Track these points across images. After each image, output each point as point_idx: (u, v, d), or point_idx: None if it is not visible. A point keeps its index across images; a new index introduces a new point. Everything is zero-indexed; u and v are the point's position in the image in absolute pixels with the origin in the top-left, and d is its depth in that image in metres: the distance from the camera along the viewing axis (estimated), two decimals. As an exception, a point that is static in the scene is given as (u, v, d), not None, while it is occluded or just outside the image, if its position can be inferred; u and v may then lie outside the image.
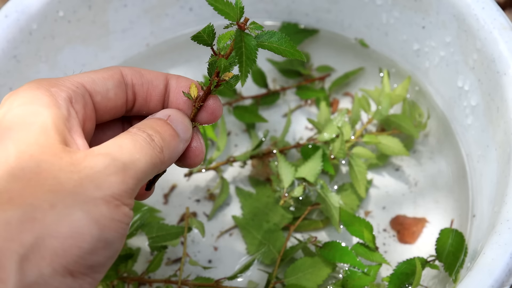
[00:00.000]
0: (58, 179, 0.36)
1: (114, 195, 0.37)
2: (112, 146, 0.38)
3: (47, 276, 0.34)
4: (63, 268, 0.35)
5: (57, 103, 0.39)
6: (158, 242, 0.58)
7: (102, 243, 0.36)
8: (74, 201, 0.35)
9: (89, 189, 0.36)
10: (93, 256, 0.36)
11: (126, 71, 0.44)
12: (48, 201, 0.35)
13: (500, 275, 0.45)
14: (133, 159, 0.38)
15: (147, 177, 0.39)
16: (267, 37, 0.42)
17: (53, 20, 0.62)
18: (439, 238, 0.57)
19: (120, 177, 0.37)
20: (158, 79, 0.44)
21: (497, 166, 0.56)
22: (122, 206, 0.37)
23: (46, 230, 0.34)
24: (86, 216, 0.35)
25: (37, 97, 0.39)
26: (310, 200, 0.61)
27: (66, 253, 0.35)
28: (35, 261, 0.34)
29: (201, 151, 0.44)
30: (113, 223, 0.36)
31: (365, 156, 0.62)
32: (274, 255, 0.58)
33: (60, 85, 0.40)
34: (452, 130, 0.64)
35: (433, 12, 0.62)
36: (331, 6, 0.69)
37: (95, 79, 0.42)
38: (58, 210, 0.35)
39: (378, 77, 0.69)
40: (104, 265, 0.37)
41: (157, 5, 0.69)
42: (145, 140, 0.40)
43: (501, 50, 0.55)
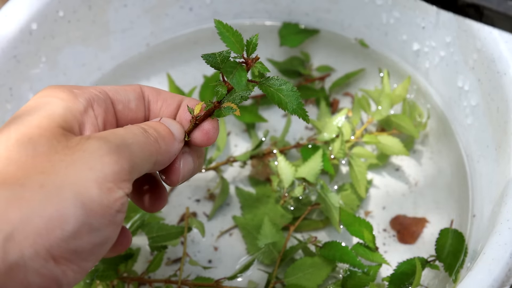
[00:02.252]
0: (52, 162, 0.36)
1: (107, 177, 0.36)
2: (107, 133, 0.39)
3: (27, 257, 0.34)
4: (45, 250, 0.34)
5: (75, 100, 0.39)
6: (158, 242, 0.58)
7: (87, 227, 0.35)
8: (65, 182, 0.35)
9: (81, 170, 0.36)
10: (77, 240, 0.35)
11: (145, 88, 0.45)
12: (38, 181, 0.35)
13: (500, 275, 0.45)
14: (126, 143, 0.38)
15: (143, 163, 0.39)
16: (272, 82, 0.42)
17: (53, 20, 0.62)
18: (439, 238, 0.57)
19: (114, 157, 0.37)
20: (173, 98, 0.45)
21: (497, 166, 0.56)
22: (115, 189, 0.36)
23: (33, 209, 0.34)
24: (73, 198, 0.35)
25: (55, 92, 0.40)
26: (310, 200, 0.61)
27: (49, 234, 0.34)
28: (18, 241, 0.34)
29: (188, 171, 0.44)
30: (101, 208, 0.36)
31: (365, 156, 0.62)
32: (274, 255, 0.58)
33: (84, 88, 0.41)
34: (452, 130, 0.64)
35: (433, 12, 0.62)
36: (331, 6, 0.69)
37: (118, 89, 0.43)
38: (46, 190, 0.35)
39: (378, 77, 0.69)
40: (91, 252, 0.36)
41: (157, 5, 0.69)
42: (139, 130, 0.40)
43: (501, 50, 0.55)
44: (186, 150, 0.44)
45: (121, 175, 0.37)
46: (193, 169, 0.45)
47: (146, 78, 0.71)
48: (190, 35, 0.72)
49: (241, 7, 0.71)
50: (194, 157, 0.44)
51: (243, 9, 0.72)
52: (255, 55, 0.41)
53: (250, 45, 0.41)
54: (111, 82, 0.69)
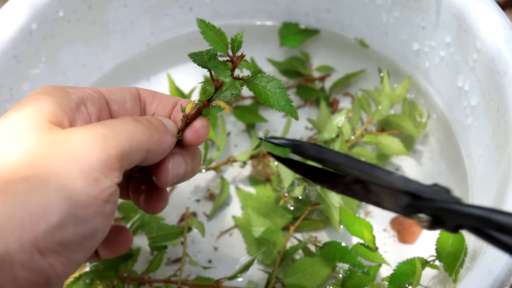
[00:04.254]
0: (37, 156, 0.36)
1: (93, 166, 0.36)
2: (94, 124, 0.38)
3: (13, 251, 0.34)
4: (30, 243, 0.34)
5: (67, 96, 0.39)
6: (158, 242, 0.58)
7: (72, 218, 0.35)
8: (48, 175, 0.35)
9: (67, 162, 0.35)
10: (62, 231, 0.35)
11: (141, 90, 0.45)
12: (23, 175, 0.35)
13: (500, 275, 0.45)
14: (114, 131, 0.38)
15: (133, 151, 0.38)
16: (259, 79, 0.41)
17: (53, 20, 0.62)
18: (439, 238, 0.57)
19: (99, 146, 0.36)
20: (168, 99, 0.45)
21: (497, 166, 0.56)
22: (102, 179, 0.36)
23: (17, 203, 0.34)
24: (58, 190, 0.35)
25: (48, 90, 0.40)
26: (310, 200, 0.61)
27: (34, 226, 0.34)
28: (4, 235, 0.34)
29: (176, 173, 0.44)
30: (87, 198, 0.35)
31: (365, 156, 0.62)
32: (274, 255, 0.58)
33: (78, 88, 0.41)
34: (452, 130, 0.64)
35: (433, 12, 0.62)
36: (331, 6, 0.69)
37: (113, 90, 0.43)
38: (30, 182, 0.35)
39: (378, 77, 0.69)
40: (79, 244, 0.36)
41: (157, 5, 0.69)
42: (129, 119, 0.40)
43: (501, 50, 0.55)
44: (177, 151, 0.44)
45: (108, 163, 0.36)
46: (184, 171, 0.44)
47: (146, 78, 0.71)
48: (190, 35, 0.72)
49: (241, 7, 0.71)
50: (186, 158, 0.44)
51: (243, 9, 0.72)
52: (240, 52, 0.41)
53: (235, 43, 0.41)
54: (111, 82, 0.69)
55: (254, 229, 0.59)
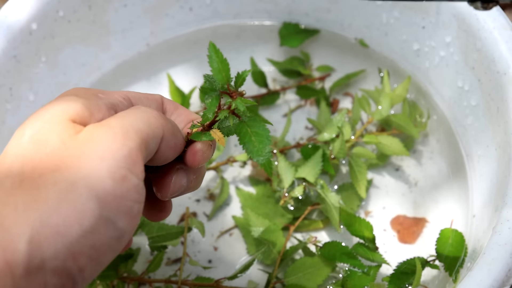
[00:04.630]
0: (63, 158, 0.35)
1: (119, 163, 0.36)
2: (109, 118, 0.38)
3: (47, 258, 0.34)
4: (65, 249, 0.34)
5: (96, 99, 0.39)
6: (158, 242, 0.58)
7: (103, 220, 0.35)
8: (77, 177, 0.35)
9: (93, 162, 0.35)
10: (95, 235, 0.35)
11: (165, 100, 0.45)
12: (52, 180, 0.35)
13: (500, 275, 0.45)
14: (129, 122, 0.37)
15: (151, 140, 0.38)
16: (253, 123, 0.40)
17: (53, 20, 0.62)
18: (439, 238, 0.57)
19: (120, 141, 0.36)
20: (187, 116, 0.45)
21: (497, 166, 0.56)
22: (129, 176, 0.36)
23: (50, 208, 0.34)
24: (88, 192, 0.35)
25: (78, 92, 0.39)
26: (310, 200, 0.61)
27: (68, 231, 0.34)
28: (39, 242, 0.33)
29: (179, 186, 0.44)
30: (115, 200, 0.35)
31: (365, 156, 0.62)
32: (274, 255, 0.58)
33: (108, 93, 0.41)
34: (452, 130, 0.64)
35: (433, 12, 0.62)
36: (331, 6, 0.69)
37: (141, 97, 0.43)
38: (60, 187, 0.34)
39: (378, 77, 0.69)
40: (109, 247, 0.36)
41: (157, 5, 0.69)
42: (139, 107, 0.40)
43: (501, 50, 0.55)
44: (181, 167, 0.43)
45: (132, 157, 0.36)
46: (186, 187, 0.44)
47: (146, 78, 0.71)
48: (190, 35, 0.72)
49: (241, 7, 0.71)
50: (189, 175, 0.44)
51: (243, 9, 0.72)
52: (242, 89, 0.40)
53: (239, 79, 0.40)
54: (111, 82, 0.69)
55: (253, 229, 0.59)
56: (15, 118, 0.61)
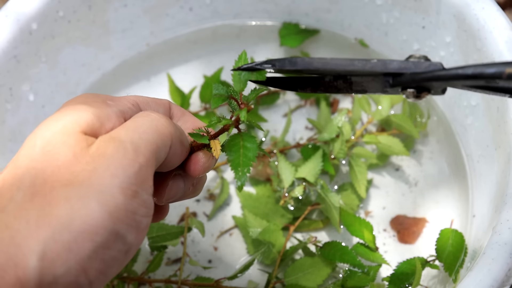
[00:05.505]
0: (75, 173, 0.35)
1: (130, 180, 0.36)
2: (119, 129, 0.38)
3: (59, 275, 0.34)
4: (77, 265, 0.34)
5: (106, 108, 0.39)
6: (158, 242, 0.58)
7: (115, 236, 0.35)
8: (89, 193, 0.35)
9: (104, 178, 0.35)
10: (107, 250, 0.35)
11: (172, 105, 0.45)
12: (63, 195, 0.35)
13: (500, 275, 0.45)
14: (138, 134, 0.37)
15: (161, 150, 0.38)
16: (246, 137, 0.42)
17: (53, 20, 0.62)
18: (439, 238, 0.57)
19: (130, 156, 0.36)
20: (194, 123, 0.45)
21: (497, 166, 0.56)
22: (139, 193, 0.36)
23: (61, 225, 0.34)
24: (100, 208, 0.35)
25: (88, 101, 0.39)
26: (310, 200, 0.61)
27: (80, 248, 0.34)
28: (51, 259, 0.34)
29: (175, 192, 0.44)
30: (126, 215, 0.36)
31: (365, 156, 0.62)
32: (274, 255, 0.58)
33: (117, 100, 0.41)
34: (452, 130, 0.64)
35: (433, 12, 0.62)
36: (331, 6, 0.69)
37: (149, 102, 0.43)
38: (72, 203, 0.34)
39: (378, 77, 0.69)
40: (119, 260, 0.36)
41: (157, 5, 0.69)
42: (148, 114, 0.40)
43: (501, 50, 0.55)
44: (179, 173, 0.43)
45: (142, 174, 0.36)
46: (183, 193, 0.44)
47: (146, 78, 0.71)
48: (190, 35, 0.72)
49: (241, 7, 0.71)
50: (187, 181, 0.44)
51: (243, 9, 0.72)
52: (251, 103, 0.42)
53: (253, 93, 0.42)
54: (111, 82, 0.69)
55: (251, 230, 0.59)
56: (15, 118, 0.61)
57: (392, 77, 0.40)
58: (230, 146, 0.41)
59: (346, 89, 0.42)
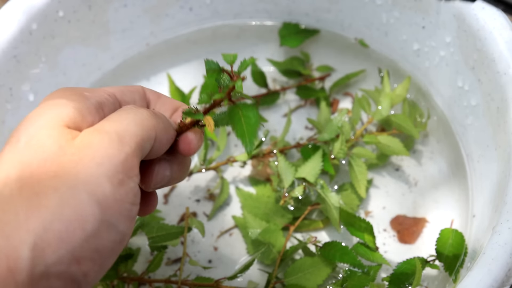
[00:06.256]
0: (62, 164, 0.36)
1: (117, 168, 0.36)
2: (103, 122, 0.38)
3: (51, 264, 0.34)
4: (69, 254, 0.34)
5: (85, 101, 0.39)
6: (158, 242, 0.58)
7: (105, 225, 0.35)
8: (77, 182, 0.35)
9: (91, 167, 0.36)
10: (98, 239, 0.35)
11: (147, 90, 0.45)
12: (52, 186, 0.35)
13: (500, 275, 0.45)
14: (123, 126, 0.38)
15: (145, 141, 0.39)
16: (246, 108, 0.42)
17: (53, 20, 0.62)
18: (439, 238, 0.57)
19: (116, 146, 0.37)
20: (171, 103, 0.45)
21: (497, 166, 0.56)
22: (126, 181, 0.37)
23: (52, 215, 0.34)
24: (88, 197, 0.35)
25: (66, 94, 0.40)
26: (310, 200, 0.61)
27: (70, 237, 0.34)
28: (42, 248, 0.34)
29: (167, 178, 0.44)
30: (115, 203, 0.36)
31: (365, 156, 0.62)
32: (274, 255, 0.58)
33: (94, 91, 0.41)
34: (452, 130, 0.64)
35: (433, 12, 0.62)
36: (331, 6, 0.69)
37: (124, 90, 0.43)
38: (61, 192, 0.35)
39: (378, 77, 0.69)
40: (111, 250, 0.36)
41: (157, 5, 0.69)
42: (131, 108, 0.40)
43: (501, 50, 0.55)
44: (165, 157, 0.43)
45: (128, 162, 0.37)
46: (169, 178, 0.44)
47: (146, 78, 0.71)
48: (190, 35, 0.72)
49: (241, 7, 0.71)
50: (174, 165, 0.44)
51: (243, 9, 0.72)
52: (243, 75, 0.41)
53: (244, 64, 0.41)
54: (111, 82, 0.69)
55: (250, 231, 0.59)
56: (15, 118, 0.61)
57: None
58: (231, 117, 0.41)
59: None
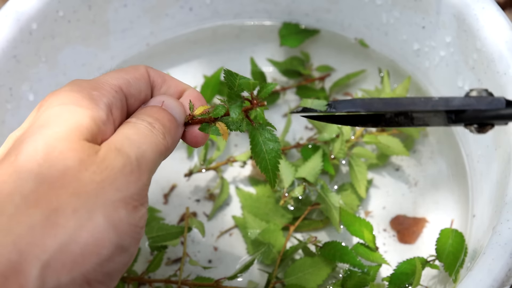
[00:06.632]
0: (82, 182, 0.35)
1: (132, 196, 0.37)
2: (122, 140, 0.38)
3: (64, 284, 0.34)
4: (81, 276, 0.34)
5: (97, 107, 0.39)
6: (158, 242, 0.58)
7: (119, 249, 0.36)
8: (95, 205, 0.35)
9: (109, 191, 0.36)
10: (111, 263, 0.36)
11: (151, 72, 0.44)
12: (71, 205, 0.35)
13: (500, 275, 0.45)
14: (141, 152, 0.38)
15: (156, 166, 0.40)
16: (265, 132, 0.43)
17: (53, 20, 0.62)
18: (439, 238, 0.57)
19: (136, 175, 0.37)
20: (177, 87, 0.45)
21: (497, 166, 0.56)
22: (139, 207, 0.37)
23: (69, 236, 0.34)
24: (106, 222, 0.35)
25: (77, 98, 0.39)
26: (310, 200, 0.61)
27: (86, 260, 0.34)
28: (56, 269, 0.34)
29: None
30: (129, 228, 0.36)
31: (365, 156, 0.62)
32: (274, 255, 0.58)
33: (101, 89, 0.40)
34: (452, 130, 0.64)
35: (433, 12, 0.62)
36: (331, 6, 0.69)
37: (130, 80, 0.43)
38: (79, 215, 0.35)
39: (378, 77, 0.69)
40: (120, 271, 0.37)
41: (157, 5, 0.69)
42: (147, 128, 0.40)
43: (501, 50, 0.55)
44: None
45: (143, 191, 0.38)
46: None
47: (146, 78, 0.71)
48: (190, 35, 0.72)
49: (241, 7, 0.71)
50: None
51: (243, 9, 0.72)
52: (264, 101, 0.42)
53: (264, 89, 0.42)
54: (111, 82, 0.69)
55: (250, 232, 0.59)
56: (15, 118, 0.61)
57: (454, 114, 0.40)
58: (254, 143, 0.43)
59: (408, 124, 0.42)
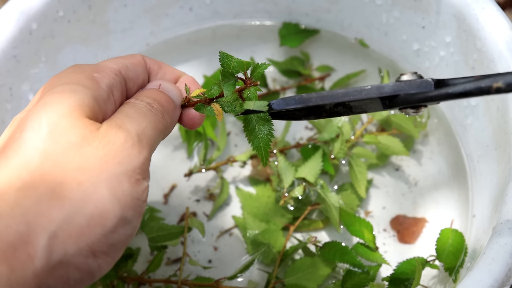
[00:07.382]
0: (85, 156, 0.37)
1: (135, 169, 0.38)
2: (123, 118, 0.40)
3: (70, 255, 0.35)
4: (87, 247, 0.36)
5: (99, 87, 0.40)
6: (158, 242, 0.58)
7: (123, 221, 0.37)
8: (99, 178, 0.36)
9: (112, 165, 0.37)
10: (115, 234, 0.37)
11: (147, 59, 0.46)
12: (76, 179, 0.36)
13: (500, 275, 0.45)
14: (142, 129, 0.39)
15: (156, 143, 0.41)
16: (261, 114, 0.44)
17: (53, 20, 0.62)
18: (439, 238, 0.57)
19: (137, 148, 0.38)
20: (172, 73, 0.47)
21: (497, 166, 0.56)
22: (141, 181, 0.38)
23: (74, 208, 0.35)
24: (110, 194, 0.36)
25: (80, 78, 0.40)
26: (310, 200, 0.61)
27: (91, 231, 0.36)
28: (63, 239, 0.35)
29: None
30: (132, 201, 0.37)
31: (365, 156, 0.62)
32: (274, 255, 0.58)
33: (102, 72, 0.42)
34: (452, 130, 0.64)
35: (433, 12, 0.62)
36: (331, 6, 0.69)
37: (128, 65, 0.44)
38: (84, 187, 0.36)
39: (378, 77, 0.69)
40: (124, 243, 0.38)
41: (157, 5, 0.69)
42: (146, 108, 0.41)
43: (501, 50, 0.55)
44: None
45: (145, 164, 0.39)
46: None
47: (146, 78, 0.71)
48: (190, 35, 0.72)
49: (241, 7, 0.71)
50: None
51: (243, 9, 0.72)
52: (257, 81, 0.44)
53: (257, 69, 0.43)
54: (111, 82, 0.69)
55: (249, 232, 0.59)
56: (15, 118, 0.61)
57: (388, 99, 0.43)
58: (247, 124, 0.44)
59: (347, 112, 0.45)
